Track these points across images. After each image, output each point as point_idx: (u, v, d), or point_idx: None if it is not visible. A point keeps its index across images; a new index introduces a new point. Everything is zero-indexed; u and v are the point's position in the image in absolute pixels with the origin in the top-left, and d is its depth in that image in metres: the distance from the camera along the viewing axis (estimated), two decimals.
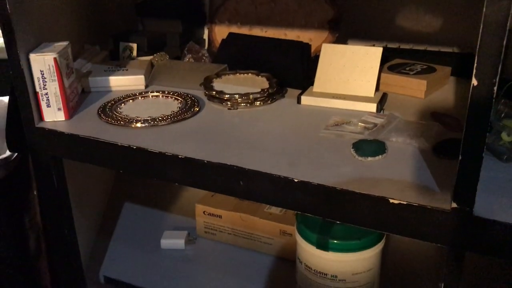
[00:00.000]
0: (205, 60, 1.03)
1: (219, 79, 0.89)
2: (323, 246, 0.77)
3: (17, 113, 0.79)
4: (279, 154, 0.66)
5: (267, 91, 0.82)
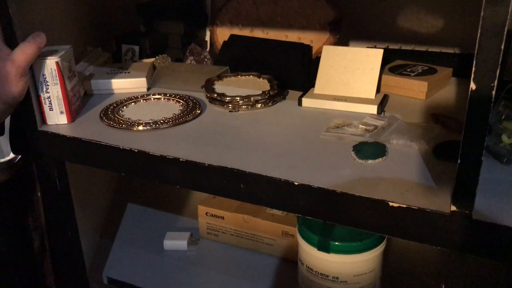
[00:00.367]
0: (207, 62, 1.03)
1: (220, 81, 0.89)
2: (325, 247, 0.77)
3: (21, 115, 0.79)
4: (280, 157, 0.66)
5: (268, 93, 0.83)
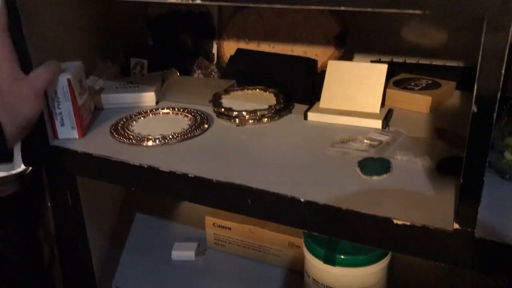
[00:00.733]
0: (214, 76, 1.05)
1: (227, 95, 0.91)
2: (330, 261, 0.78)
3: (33, 130, 0.81)
4: (285, 172, 0.68)
5: (275, 107, 0.84)
